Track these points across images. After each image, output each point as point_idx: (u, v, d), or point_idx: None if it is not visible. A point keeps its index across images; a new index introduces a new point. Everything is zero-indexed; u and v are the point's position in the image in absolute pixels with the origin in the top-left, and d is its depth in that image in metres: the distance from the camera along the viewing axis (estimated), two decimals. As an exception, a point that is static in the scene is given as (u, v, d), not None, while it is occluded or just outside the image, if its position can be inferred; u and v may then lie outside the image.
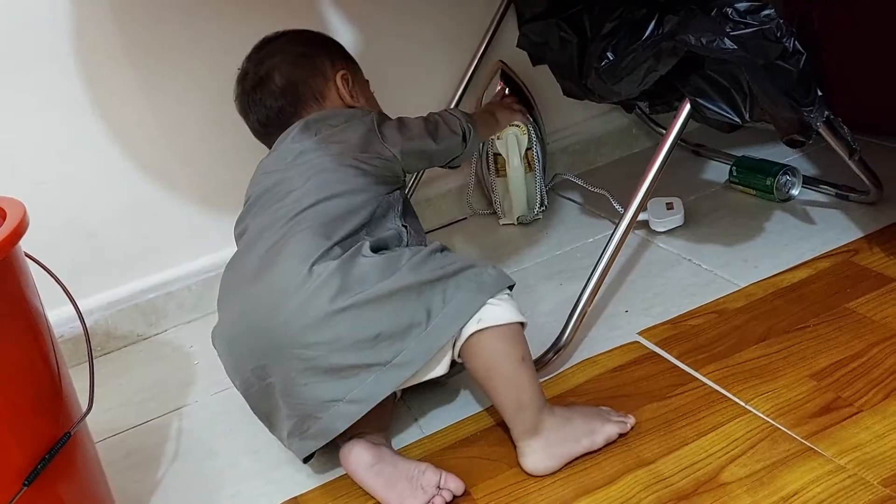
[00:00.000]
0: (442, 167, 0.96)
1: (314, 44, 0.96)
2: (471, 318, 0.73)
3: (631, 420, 0.77)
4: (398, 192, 0.86)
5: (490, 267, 0.76)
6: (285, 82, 0.92)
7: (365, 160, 0.83)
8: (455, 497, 0.73)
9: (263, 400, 0.76)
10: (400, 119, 0.91)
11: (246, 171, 0.95)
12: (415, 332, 0.72)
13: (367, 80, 1.00)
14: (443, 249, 0.78)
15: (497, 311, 0.73)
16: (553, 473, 0.74)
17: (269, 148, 0.93)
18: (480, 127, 0.98)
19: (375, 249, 0.76)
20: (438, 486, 0.73)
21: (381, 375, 0.72)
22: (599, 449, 0.75)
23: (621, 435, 0.76)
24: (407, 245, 0.81)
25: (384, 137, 0.86)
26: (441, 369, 0.75)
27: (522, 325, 0.76)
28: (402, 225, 0.83)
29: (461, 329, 0.73)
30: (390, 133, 0.87)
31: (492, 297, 0.74)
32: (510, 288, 0.77)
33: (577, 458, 0.75)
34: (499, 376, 0.74)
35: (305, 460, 0.77)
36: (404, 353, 0.72)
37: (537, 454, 0.74)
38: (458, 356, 0.75)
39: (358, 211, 0.79)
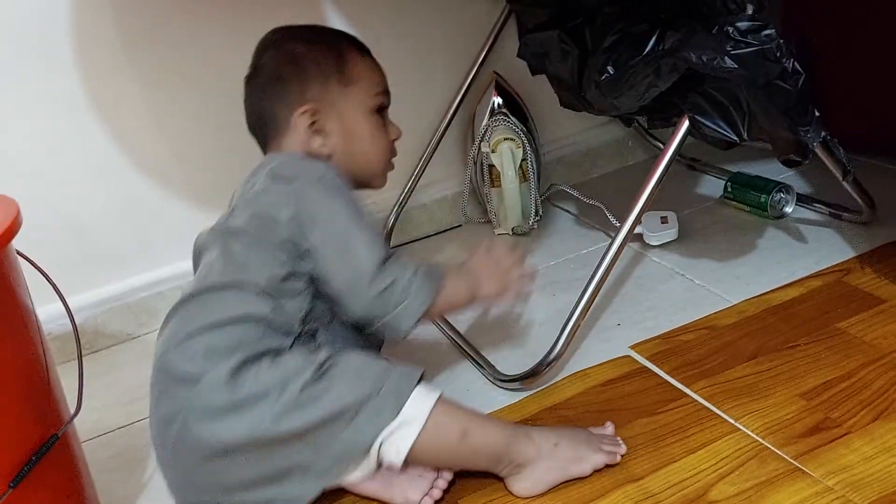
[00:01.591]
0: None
1: (294, 61, 0.83)
2: (371, 449, 0.68)
3: (622, 450, 0.75)
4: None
5: (387, 384, 0.69)
6: (258, 102, 0.84)
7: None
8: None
9: None
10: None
11: (241, 171, 0.94)
12: (296, 477, 0.69)
13: (382, 94, 0.86)
14: (326, 370, 0.69)
15: (412, 413, 0.69)
16: (542, 487, 0.74)
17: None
18: (449, 291, 0.77)
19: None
20: (436, 469, 0.74)
21: None
22: (572, 486, 0.73)
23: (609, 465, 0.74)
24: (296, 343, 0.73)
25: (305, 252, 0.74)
26: (358, 475, 0.71)
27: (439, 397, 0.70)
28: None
29: (387, 445, 0.69)
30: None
31: (395, 417, 0.68)
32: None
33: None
34: (455, 462, 0.74)
35: None
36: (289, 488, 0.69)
37: (522, 483, 0.73)
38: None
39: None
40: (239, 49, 0.96)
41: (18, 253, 0.70)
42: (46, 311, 0.81)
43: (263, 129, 0.85)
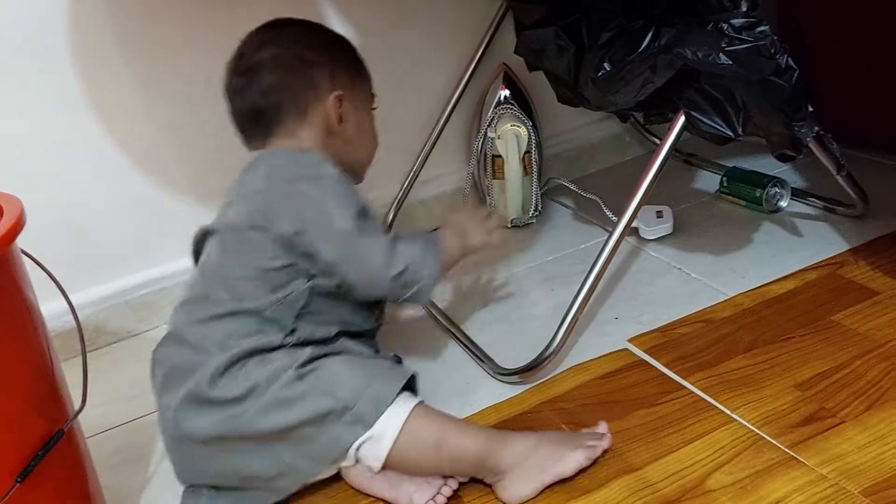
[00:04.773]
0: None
1: (322, 48, 0.85)
2: (347, 452, 0.71)
3: (604, 442, 0.75)
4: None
5: (367, 390, 0.71)
6: (272, 83, 0.82)
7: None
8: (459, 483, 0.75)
9: None
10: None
11: (239, 168, 0.95)
12: (280, 467, 0.73)
13: (374, 96, 0.91)
14: (307, 373, 0.72)
15: (387, 423, 0.71)
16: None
17: (244, 142, 0.88)
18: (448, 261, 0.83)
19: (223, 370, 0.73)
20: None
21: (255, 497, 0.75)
22: (572, 476, 0.73)
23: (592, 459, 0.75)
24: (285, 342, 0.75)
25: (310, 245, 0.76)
26: (333, 471, 0.76)
27: (420, 401, 0.73)
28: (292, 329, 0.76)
29: (364, 450, 0.71)
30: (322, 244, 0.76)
31: (370, 428, 0.70)
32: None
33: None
34: (434, 470, 0.74)
35: None
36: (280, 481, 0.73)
37: (509, 490, 0.73)
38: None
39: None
40: (235, 49, 0.96)
41: (22, 251, 0.70)
42: (48, 309, 0.82)
43: (272, 115, 0.83)
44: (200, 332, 0.76)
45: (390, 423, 0.71)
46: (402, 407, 0.72)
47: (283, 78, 0.82)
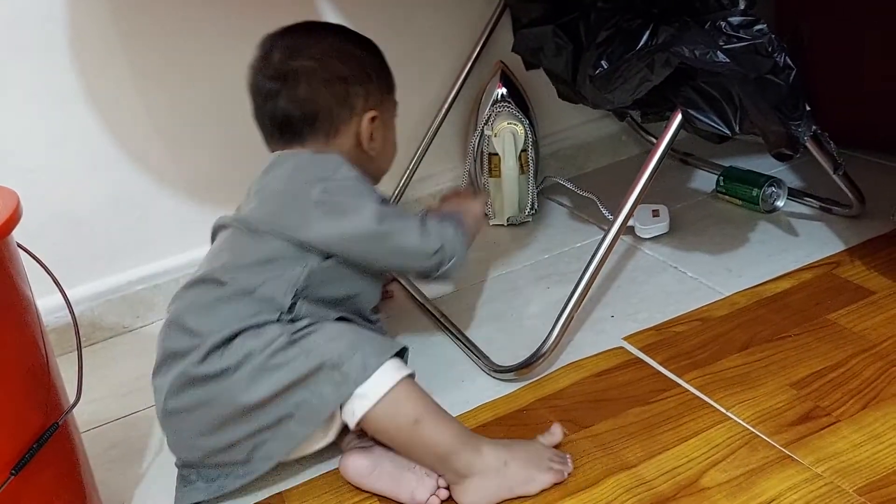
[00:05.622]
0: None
1: (359, 65, 0.85)
2: (333, 411, 0.72)
3: (569, 468, 0.74)
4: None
5: (357, 354, 0.71)
6: (307, 97, 0.82)
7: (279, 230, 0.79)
8: None
9: None
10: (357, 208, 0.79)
11: (237, 165, 0.96)
12: (267, 435, 0.74)
13: (397, 103, 0.92)
14: (299, 338, 0.73)
15: (373, 385, 0.71)
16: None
17: (266, 142, 0.88)
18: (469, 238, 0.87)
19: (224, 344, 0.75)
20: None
21: (246, 469, 0.76)
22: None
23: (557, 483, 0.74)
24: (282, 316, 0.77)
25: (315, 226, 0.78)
26: (324, 442, 0.76)
27: (412, 374, 0.74)
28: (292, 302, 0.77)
29: (346, 406, 0.72)
30: (327, 223, 0.78)
31: (357, 387, 0.71)
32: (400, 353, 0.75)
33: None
34: (403, 447, 0.74)
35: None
36: (263, 449, 0.74)
37: (468, 496, 0.72)
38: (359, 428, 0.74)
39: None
40: (238, 45, 0.96)
41: (18, 245, 0.70)
42: (44, 304, 0.82)
43: (303, 127, 0.83)
44: (200, 316, 0.77)
45: (378, 385, 0.71)
46: (390, 374, 0.72)
47: (320, 92, 0.82)
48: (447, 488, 0.74)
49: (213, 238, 0.87)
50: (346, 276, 0.80)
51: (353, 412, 0.72)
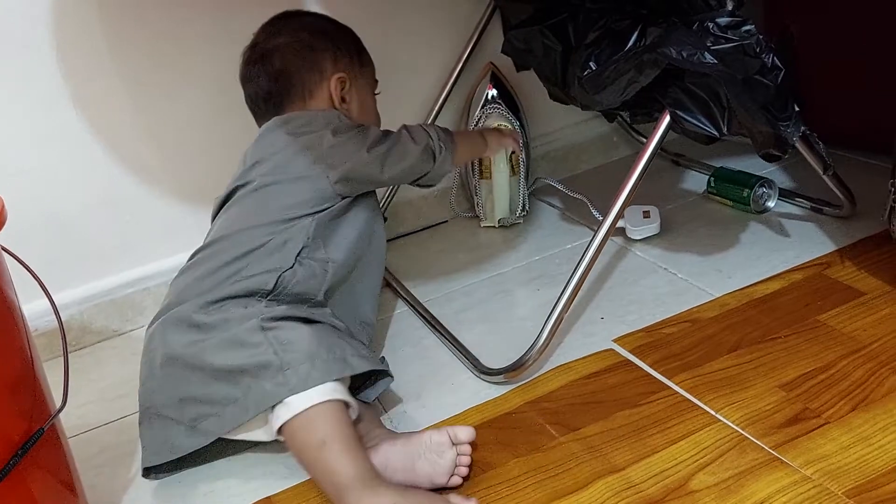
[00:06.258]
0: (412, 184, 0.95)
1: (326, 36, 0.95)
2: (263, 410, 0.74)
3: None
4: (317, 216, 0.85)
5: (305, 365, 0.72)
6: (281, 68, 0.92)
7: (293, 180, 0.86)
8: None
9: None
10: (362, 133, 0.89)
11: (227, 168, 0.95)
12: (216, 409, 0.76)
13: (377, 81, 1.01)
14: (271, 328, 0.75)
15: (301, 398, 0.72)
16: (525, 477, 0.75)
17: (257, 120, 0.96)
18: (462, 146, 0.96)
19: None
20: (452, 444, 0.74)
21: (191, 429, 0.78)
22: (554, 475, 0.73)
23: None
24: (274, 292, 0.80)
25: (329, 157, 0.86)
26: (263, 435, 0.77)
27: (344, 403, 0.73)
28: (296, 261, 0.82)
29: (276, 409, 0.73)
30: (338, 152, 0.86)
31: (292, 395, 0.71)
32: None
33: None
34: (308, 467, 0.74)
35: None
36: (207, 421, 0.77)
37: None
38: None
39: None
40: (229, 46, 0.96)
41: (3, 249, 0.70)
42: (31, 309, 0.81)
43: (283, 96, 0.93)
44: (205, 283, 0.81)
45: (304, 399, 0.72)
46: (322, 393, 0.72)
47: (291, 61, 0.92)
48: (470, 465, 0.75)
49: (214, 217, 0.91)
50: (350, 225, 0.87)
51: (279, 417, 0.73)
